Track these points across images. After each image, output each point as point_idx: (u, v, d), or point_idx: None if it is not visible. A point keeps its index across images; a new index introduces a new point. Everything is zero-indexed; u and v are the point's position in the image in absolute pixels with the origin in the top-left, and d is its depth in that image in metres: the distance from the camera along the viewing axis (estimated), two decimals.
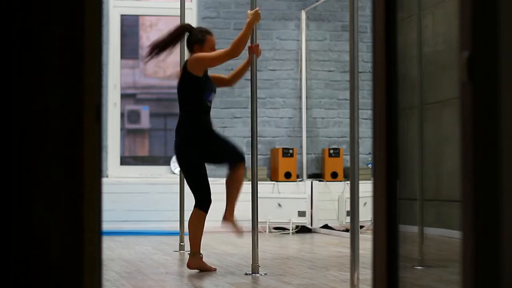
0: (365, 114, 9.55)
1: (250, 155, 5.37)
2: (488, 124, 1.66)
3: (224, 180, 5.51)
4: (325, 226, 9.10)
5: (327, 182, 9.33)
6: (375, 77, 2.15)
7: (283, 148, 9.28)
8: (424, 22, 4.29)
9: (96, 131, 1.75)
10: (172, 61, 10.03)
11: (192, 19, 9.47)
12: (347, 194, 8.72)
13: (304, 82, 9.63)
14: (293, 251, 7.04)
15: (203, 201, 5.39)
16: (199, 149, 5.36)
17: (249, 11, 5.42)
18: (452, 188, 3.97)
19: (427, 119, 4.28)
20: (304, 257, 6.39)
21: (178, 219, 6.91)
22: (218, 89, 5.72)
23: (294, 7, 9.69)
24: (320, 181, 9.36)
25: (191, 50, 5.48)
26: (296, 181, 9.29)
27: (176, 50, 5.74)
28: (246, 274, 5.18)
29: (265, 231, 8.84)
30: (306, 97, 9.66)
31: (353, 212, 3.89)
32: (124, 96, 9.71)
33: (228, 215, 5.46)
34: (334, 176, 9.39)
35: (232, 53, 5.29)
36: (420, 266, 4.07)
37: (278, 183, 9.22)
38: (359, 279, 3.82)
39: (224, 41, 9.51)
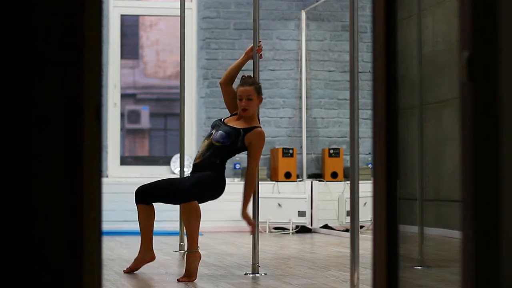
0: (365, 114, 9.55)
1: None
2: (488, 124, 1.66)
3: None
4: (325, 226, 9.10)
5: (327, 182, 9.33)
6: (375, 77, 2.15)
7: (283, 148, 9.28)
8: (424, 22, 4.29)
9: (96, 131, 1.75)
10: (172, 61, 10.03)
11: (192, 19, 9.48)
12: (347, 194, 8.72)
13: (304, 82, 9.63)
14: (293, 251, 7.04)
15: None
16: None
17: (248, 49, 5.45)
18: (452, 188, 3.97)
19: (427, 119, 4.28)
20: (304, 257, 6.39)
21: (178, 219, 6.90)
22: (219, 89, 5.68)
23: (294, 7, 9.69)
24: (320, 181, 9.36)
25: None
26: (296, 181, 9.29)
27: (176, 50, 5.72)
28: (246, 274, 5.17)
29: (265, 231, 8.84)
30: (306, 97, 9.66)
31: (353, 212, 3.89)
32: (124, 96, 9.71)
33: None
34: (334, 176, 9.39)
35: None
36: (420, 266, 4.07)
37: (278, 183, 9.22)
38: (359, 279, 3.82)
39: (224, 41, 9.52)
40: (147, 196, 5.28)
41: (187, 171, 9.19)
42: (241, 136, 5.17)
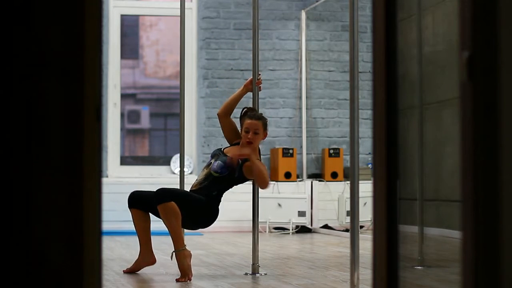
0: (365, 114, 9.55)
1: None
2: (488, 124, 1.66)
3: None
4: (325, 226, 9.10)
5: (327, 182, 9.33)
6: (375, 77, 2.15)
7: (283, 148, 9.28)
8: (424, 22, 4.29)
9: (96, 131, 1.75)
10: (172, 61, 10.03)
11: (192, 19, 9.48)
12: (347, 194, 8.72)
13: (304, 82, 9.63)
14: (293, 251, 7.04)
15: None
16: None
17: (247, 81, 5.47)
18: (452, 188, 3.97)
19: (427, 119, 4.27)
20: (304, 257, 6.39)
21: None
22: (219, 89, 5.69)
23: (294, 7, 9.69)
24: (320, 181, 9.36)
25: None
26: (296, 181, 9.29)
27: (176, 50, 5.73)
28: (246, 274, 5.17)
29: (265, 231, 8.84)
30: (306, 97, 9.66)
31: (353, 212, 3.89)
32: (124, 96, 9.71)
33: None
34: (334, 176, 9.39)
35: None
36: (420, 266, 4.06)
37: (278, 183, 9.22)
38: (359, 279, 3.82)
39: (224, 41, 9.52)
40: (143, 204, 5.29)
41: (187, 171, 9.21)
42: (239, 166, 5.17)
